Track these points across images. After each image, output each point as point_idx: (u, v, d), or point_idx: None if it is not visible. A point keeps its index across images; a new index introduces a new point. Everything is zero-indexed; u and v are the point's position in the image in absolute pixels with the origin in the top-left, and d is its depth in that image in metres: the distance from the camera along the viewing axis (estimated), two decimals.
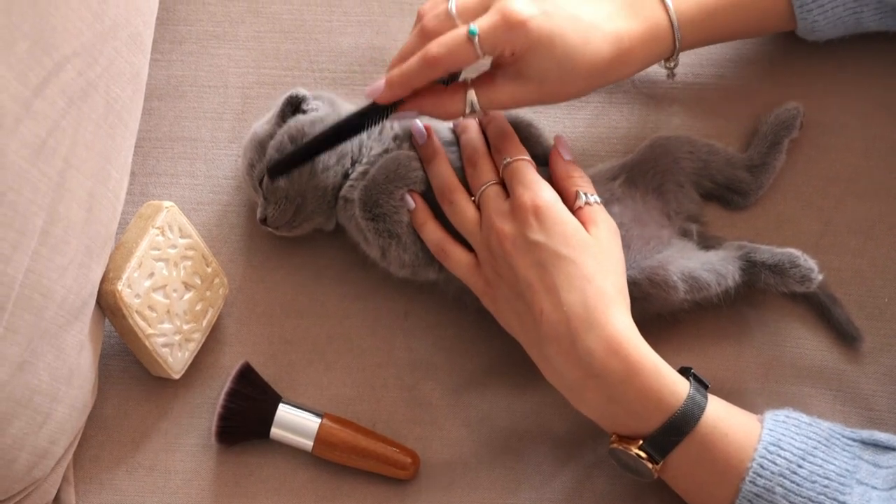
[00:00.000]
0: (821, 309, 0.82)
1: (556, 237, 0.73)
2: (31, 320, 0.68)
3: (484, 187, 0.77)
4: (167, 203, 0.80)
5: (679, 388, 0.71)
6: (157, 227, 0.78)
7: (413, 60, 0.73)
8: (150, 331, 0.78)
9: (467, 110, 0.75)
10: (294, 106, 0.82)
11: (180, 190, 0.88)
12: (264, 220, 0.82)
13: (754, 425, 0.72)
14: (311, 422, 0.79)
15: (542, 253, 0.72)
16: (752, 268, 0.80)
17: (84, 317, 0.75)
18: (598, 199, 0.76)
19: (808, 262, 0.79)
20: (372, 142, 0.82)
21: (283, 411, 0.79)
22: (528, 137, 0.82)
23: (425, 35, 0.74)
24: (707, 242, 0.83)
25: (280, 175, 0.79)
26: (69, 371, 0.74)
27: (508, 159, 0.77)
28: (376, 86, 0.75)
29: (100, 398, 0.82)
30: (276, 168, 0.78)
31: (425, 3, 0.77)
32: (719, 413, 0.71)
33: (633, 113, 0.89)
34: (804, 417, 0.73)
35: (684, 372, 0.74)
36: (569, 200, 0.76)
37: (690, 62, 0.89)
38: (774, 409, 0.74)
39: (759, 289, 0.81)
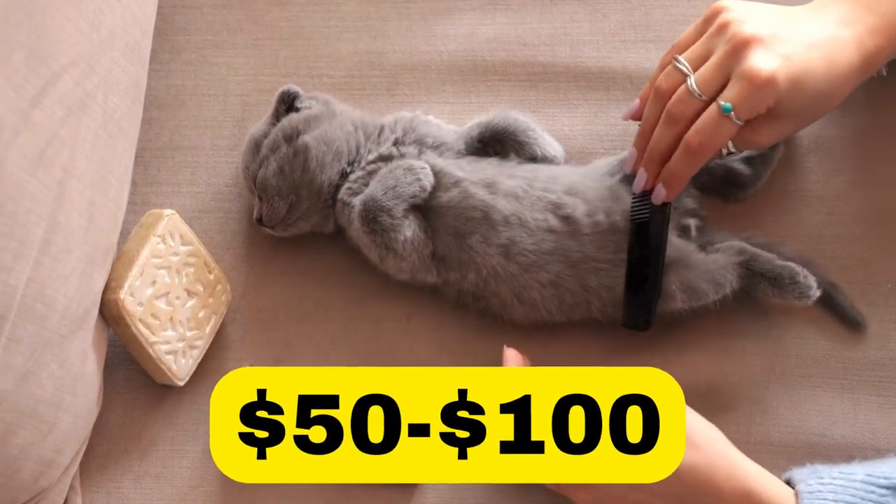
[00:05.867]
0: (824, 297, 0.81)
1: None
2: (34, 330, 0.68)
3: None
4: (168, 211, 0.80)
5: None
6: (159, 235, 0.79)
7: (678, 156, 0.74)
8: (153, 338, 0.78)
9: (724, 152, 0.75)
10: (287, 104, 0.83)
11: (182, 198, 0.88)
12: (260, 220, 0.82)
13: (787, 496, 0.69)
14: None
15: None
16: (751, 277, 0.79)
17: (87, 326, 0.75)
18: None
19: (808, 280, 0.79)
20: (371, 144, 0.82)
21: None
22: (525, 142, 0.82)
23: (673, 121, 0.74)
24: (706, 237, 0.82)
25: (649, 320, 0.78)
26: (73, 380, 0.74)
27: None
28: (658, 192, 0.75)
29: (105, 407, 0.82)
30: (640, 314, 0.77)
31: (660, 77, 0.75)
32: None
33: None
34: (836, 478, 0.69)
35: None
36: None
37: None
38: (799, 470, 0.71)
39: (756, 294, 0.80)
